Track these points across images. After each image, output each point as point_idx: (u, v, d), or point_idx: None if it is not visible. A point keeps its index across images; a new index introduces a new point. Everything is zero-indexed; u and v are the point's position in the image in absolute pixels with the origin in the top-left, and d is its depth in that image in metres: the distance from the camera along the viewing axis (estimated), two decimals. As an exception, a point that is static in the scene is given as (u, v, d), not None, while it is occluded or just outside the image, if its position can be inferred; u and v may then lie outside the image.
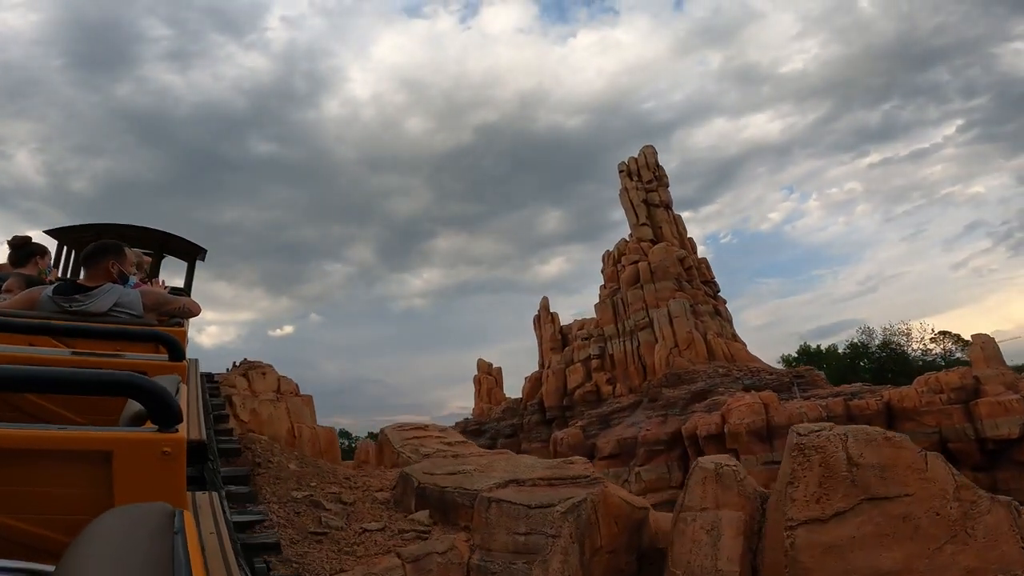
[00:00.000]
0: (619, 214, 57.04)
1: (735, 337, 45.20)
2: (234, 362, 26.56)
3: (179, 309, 3.46)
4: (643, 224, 53.93)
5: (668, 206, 56.11)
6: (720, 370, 39.01)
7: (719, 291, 49.81)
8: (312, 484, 10.62)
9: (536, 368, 59.81)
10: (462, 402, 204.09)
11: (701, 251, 56.49)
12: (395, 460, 14.91)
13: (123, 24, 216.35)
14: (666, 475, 36.75)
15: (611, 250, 57.80)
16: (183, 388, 1.76)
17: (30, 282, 3.84)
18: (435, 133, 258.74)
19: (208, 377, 14.19)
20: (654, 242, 52.33)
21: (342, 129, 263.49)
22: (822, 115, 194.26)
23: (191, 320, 4.33)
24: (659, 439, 37.31)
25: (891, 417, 31.55)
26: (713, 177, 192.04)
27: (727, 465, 9.77)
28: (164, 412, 1.27)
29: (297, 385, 25.36)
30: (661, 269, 48.07)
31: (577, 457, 13.83)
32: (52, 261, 6.85)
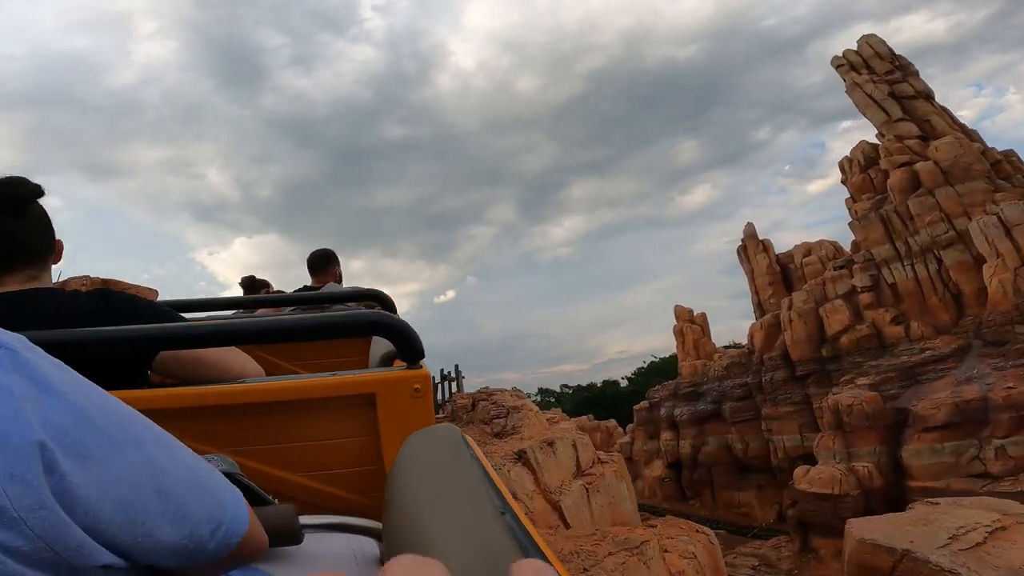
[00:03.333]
0: (764, 132, 44.10)
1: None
2: (442, 372, 16.44)
3: None
4: (900, 120, 40.59)
5: (929, 96, 42.24)
6: (1124, 295, 26.22)
7: (1048, 190, 35.91)
8: None
9: (752, 311, 48.79)
10: (620, 346, 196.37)
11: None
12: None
13: (244, 38, 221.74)
14: (1056, 451, 25.06)
15: (849, 156, 45.03)
16: None
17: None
18: (546, 88, 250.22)
19: None
20: (923, 139, 39.13)
21: (459, 101, 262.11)
22: (995, 11, 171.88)
23: None
24: (1036, 399, 25.52)
25: None
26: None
27: None
28: (410, 348, 1.25)
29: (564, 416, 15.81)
30: (960, 167, 34.99)
31: None
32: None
